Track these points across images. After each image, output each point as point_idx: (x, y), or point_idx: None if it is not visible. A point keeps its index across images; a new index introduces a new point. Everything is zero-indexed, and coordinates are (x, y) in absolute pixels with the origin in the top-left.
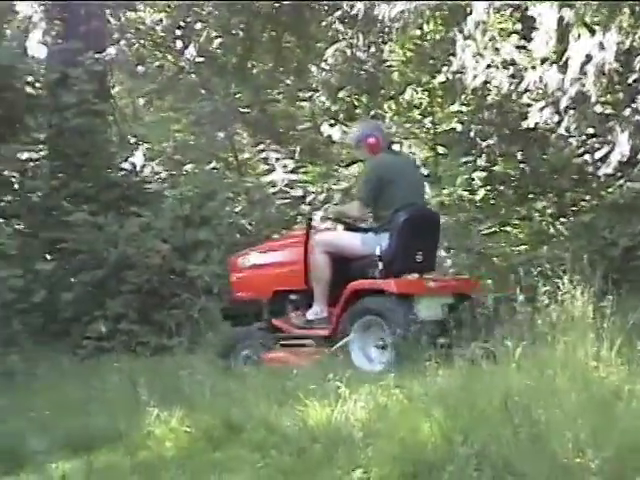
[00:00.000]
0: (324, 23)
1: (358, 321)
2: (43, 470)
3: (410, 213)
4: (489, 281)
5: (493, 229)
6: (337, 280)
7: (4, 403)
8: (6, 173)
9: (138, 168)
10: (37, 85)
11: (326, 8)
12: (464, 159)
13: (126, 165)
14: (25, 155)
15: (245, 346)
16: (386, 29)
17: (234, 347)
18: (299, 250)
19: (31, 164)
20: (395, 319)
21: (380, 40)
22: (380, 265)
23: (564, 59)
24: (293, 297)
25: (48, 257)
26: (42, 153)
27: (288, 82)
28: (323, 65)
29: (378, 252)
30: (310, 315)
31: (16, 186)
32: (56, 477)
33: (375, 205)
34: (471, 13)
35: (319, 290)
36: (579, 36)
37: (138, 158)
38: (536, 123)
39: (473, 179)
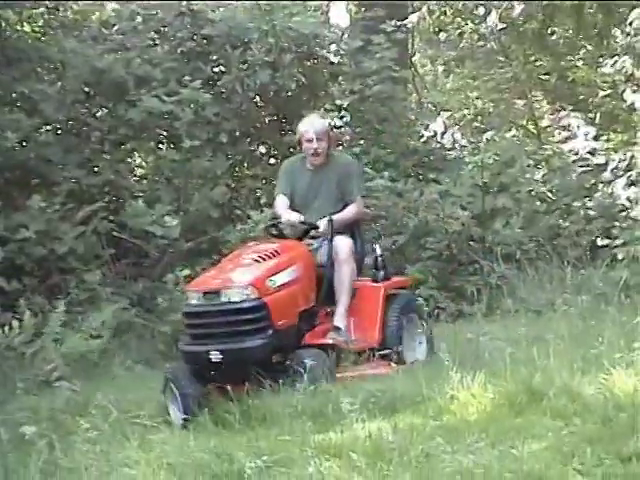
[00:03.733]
0: None
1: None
2: (350, 429)
3: None
4: None
5: None
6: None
7: None
8: None
9: (438, 135)
10: (340, 53)
11: None
12: None
13: (426, 132)
14: (328, 124)
15: None
16: None
17: None
18: None
19: (335, 131)
20: None
21: None
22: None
23: None
24: None
25: None
26: (344, 120)
27: (589, 47)
28: (627, 29)
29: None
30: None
31: None
32: (362, 436)
33: None
34: None
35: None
36: None
37: (438, 125)
38: None
39: None
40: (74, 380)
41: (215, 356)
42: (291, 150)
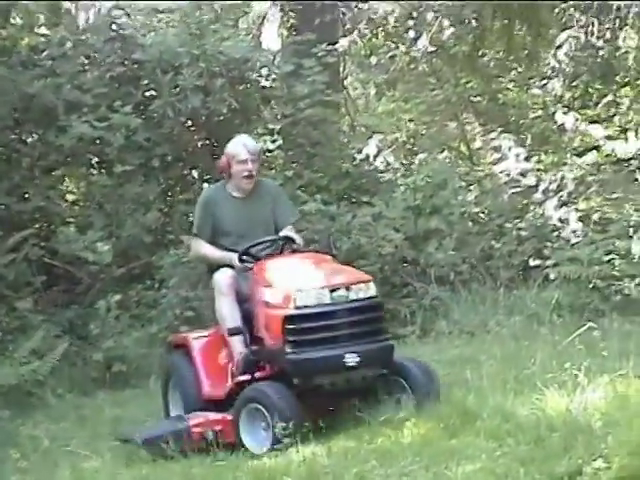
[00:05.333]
0: (557, 10)
1: None
2: (285, 453)
3: None
4: None
5: None
6: None
7: None
8: None
9: (370, 158)
10: (272, 76)
11: None
12: None
13: (358, 155)
14: (260, 145)
15: None
16: (622, 14)
17: None
18: None
19: (267, 154)
20: None
21: (616, 26)
22: None
23: None
24: None
25: None
26: (277, 143)
27: (519, 70)
28: (556, 52)
29: None
30: None
31: None
32: (296, 460)
33: None
34: None
35: None
36: None
37: (370, 148)
38: None
39: None
40: (4, 409)
41: (352, 359)
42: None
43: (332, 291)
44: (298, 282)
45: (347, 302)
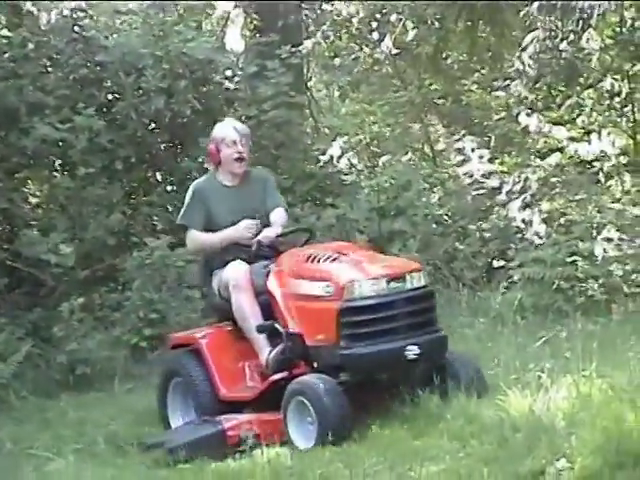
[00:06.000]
0: (522, 12)
1: None
2: (249, 455)
3: None
4: None
5: None
6: None
7: None
8: (207, 165)
9: (334, 160)
10: (235, 78)
11: None
12: None
13: (322, 157)
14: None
15: None
16: (585, 16)
17: None
18: None
19: None
20: None
21: (579, 28)
22: None
23: None
24: None
25: None
26: None
27: (483, 71)
28: (521, 54)
29: None
30: None
31: None
32: (260, 462)
33: None
34: None
35: None
36: None
37: (334, 149)
38: None
39: None
40: None
41: (412, 352)
42: (188, 176)
43: (388, 281)
44: (351, 272)
45: (404, 292)
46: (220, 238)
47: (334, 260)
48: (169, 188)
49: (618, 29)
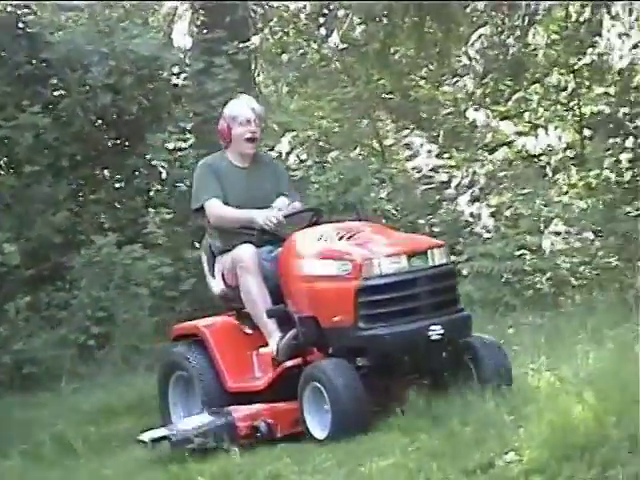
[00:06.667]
0: (468, 8)
1: None
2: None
3: None
4: None
5: None
6: None
7: None
8: (154, 162)
9: (283, 156)
10: (182, 75)
11: None
12: (611, 141)
13: (271, 153)
14: (172, 144)
15: None
16: (531, 11)
17: None
18: None
19: (178, 153)
20: None
21: (525, 23)
22: None
23: None
24: None
25: (197, 245)
26: (189, 142)
27: (431, 67)
28: (468, 50)
29: None
30: None
31: (164, 175)
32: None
33: None
34: None
35: None
36: None
37: (283, 146)
38: None
39: (620, 161)
40: None
41: (436, 332)
42: (135, 173)
43: (409, 258)
44: (368, 249)
45: (426, 269)
46: (244, 216)
47: (350, 238)
48: (116, 185)
49: (563, 24)
